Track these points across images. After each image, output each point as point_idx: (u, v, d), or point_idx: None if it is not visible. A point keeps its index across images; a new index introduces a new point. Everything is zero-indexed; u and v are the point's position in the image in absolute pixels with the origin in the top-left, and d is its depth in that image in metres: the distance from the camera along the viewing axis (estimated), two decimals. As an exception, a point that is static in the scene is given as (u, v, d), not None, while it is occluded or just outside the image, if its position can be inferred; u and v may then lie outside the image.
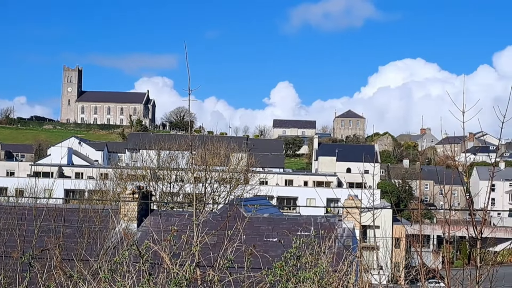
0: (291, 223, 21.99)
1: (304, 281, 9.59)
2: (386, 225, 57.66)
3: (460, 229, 8.38)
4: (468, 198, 8.15)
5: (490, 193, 8.26)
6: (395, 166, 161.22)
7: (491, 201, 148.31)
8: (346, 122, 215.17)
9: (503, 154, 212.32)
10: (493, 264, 9.34)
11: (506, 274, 12.49)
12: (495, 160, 7.95)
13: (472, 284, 7.94)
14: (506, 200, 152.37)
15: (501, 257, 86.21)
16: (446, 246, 12.15)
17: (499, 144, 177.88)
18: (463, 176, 8.75)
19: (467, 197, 8.10)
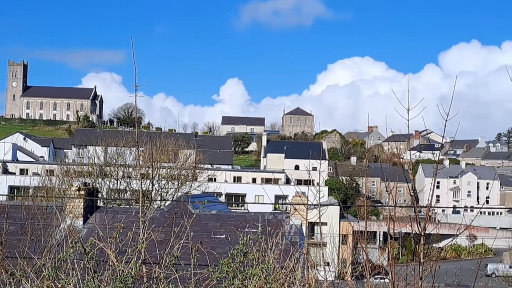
0: (238, 220, 22.01)
1: (251, 277, 9.59)
2: (333, 221, 58.10)
3: (405, 226, 8.50)
4: (413, 195, 8.27)
5: (434, 190, 8.39)
6: (343, 163, 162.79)
7: (436, 198, 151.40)
8: (294, 119, 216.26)
9: (448, 152, 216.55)
10: (437, 260, 9.50)
11: (449, 269, 12.72)
12: (438, 158, 8.08)
13: (415, 279, 8.06)
14: (450, 197, 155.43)
15: (445, 253, 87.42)
16: (391, 242, 12.40)
17: (442, 141, 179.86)
18: (409, 174, 8.87)
19: (411, 194, 8.21)
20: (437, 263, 9.47)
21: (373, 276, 12.74)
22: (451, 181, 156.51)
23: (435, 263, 8.64)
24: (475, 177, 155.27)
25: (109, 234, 9.99)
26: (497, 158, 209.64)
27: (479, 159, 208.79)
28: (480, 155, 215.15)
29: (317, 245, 27.67)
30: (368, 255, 11.40)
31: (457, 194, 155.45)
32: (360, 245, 10.96)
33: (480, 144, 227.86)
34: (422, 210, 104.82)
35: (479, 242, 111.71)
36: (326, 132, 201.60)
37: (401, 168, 9.40)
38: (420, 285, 7.83)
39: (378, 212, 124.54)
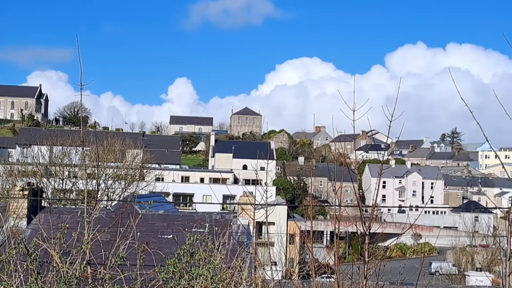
0: (186, 220, 21.91)
1: (197, 277, 9.57)
2: (281, 221, 58.41)
3: (351, 225, 8.58)
4: (358, 195, 8.36)
5: (380, 190, 8.49)
6: (291, 163, 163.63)
7: (382, 198, 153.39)
8: (243, 119, 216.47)
9: (393, 152, 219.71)
10: (382, 259, 9.62)
11: (394, 268, 12.88)
12: (383, 158, 8.18)
13: (360, 278, 8.14)
14: (396, 197, 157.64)
15: (390, 252, 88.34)
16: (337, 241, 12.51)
17: (387, 141, 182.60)
18: (355, 174, 8.97)
19: (357, 194, 8.30)
20: (382, 262, 9.60)
21: (320, 275, 12.83)
22: (397, 181, 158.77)
23: (380, 262, 8.74)
24: (420, 177, 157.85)
25: (54, 235, 9.85)
26: (441, 158, 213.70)
27: (424, 159, 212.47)
28: (425, 155, 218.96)
29: (265, 244, 27.78)
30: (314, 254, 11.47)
31: (402, 194, 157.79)
32: (306, 245, 11.04)
33: (425, 145, 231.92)
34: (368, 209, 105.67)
35: (423, 241, 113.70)
36: (274, 132, 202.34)
37: (348, 168, 9.49)
38: (365, 283, 7.92)
39: (325, 211, 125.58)
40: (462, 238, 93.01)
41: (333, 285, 8.86)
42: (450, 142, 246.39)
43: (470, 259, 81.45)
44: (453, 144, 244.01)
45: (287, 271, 23.84)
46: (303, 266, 15.12)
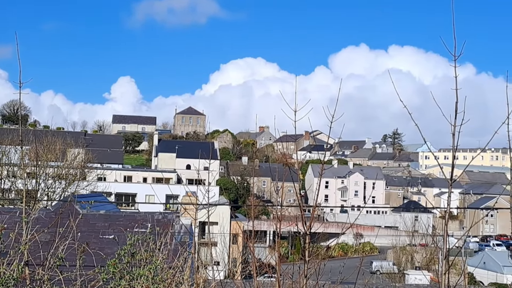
0: (128, 220, 21.71)
1: (138, 278, 9.50)
2: (224, 221, 58.45)
3: (292, 225, 8.65)
4: (300, 195, 8.43)
5: (321, 190, 8.57)
6: (234, 163, 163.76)
7: (325, 198, 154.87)
8: (186, 118, 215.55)
9: (336, 153, 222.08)
10: (323, 258, 9.72)
11: (336, 267, 13.00)
12: (324, 158, 8.27)
13: (300, 277, 8.21)
14: (339, 197, 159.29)
15: (332, 251, 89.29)
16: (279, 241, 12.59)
17: (328, 140, 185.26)
18: (298, 174, 9.04)
19: (298, 194, 8.37)
20: (323, 262, 9.70)
21: (262, 275, 12.89)
22: (339, 181, 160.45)
23: (320, 261, 8.83)
24: (362, 177, 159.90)
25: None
26: (383, 159, 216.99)
27: (366, 160, 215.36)
28: (367, 155, 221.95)
29: (207, 244, 27.73)
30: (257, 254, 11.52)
31: (345, 194, 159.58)
32: (248, 245, 11.07)
33: (367, 145, 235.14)
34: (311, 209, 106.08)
35: (365, 240, 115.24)
36: (218, 132, 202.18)
37: (291, 168, 9.57)
38: (305, 283, 7.99)
39: (268, 211, 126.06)
40: (402, 237, 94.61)
41: (274, 284, 8.91)
42: (392, 143, 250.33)
43: (409, 258, 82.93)
44: (394, 145, 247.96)
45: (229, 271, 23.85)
46: (246, 266, 15.14)
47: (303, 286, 7.86)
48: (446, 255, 7.69)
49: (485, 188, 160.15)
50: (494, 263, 78.24)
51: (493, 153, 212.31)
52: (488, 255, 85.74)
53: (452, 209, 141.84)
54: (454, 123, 7.72)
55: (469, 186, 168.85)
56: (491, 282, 71.63)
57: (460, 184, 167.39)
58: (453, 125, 7.72)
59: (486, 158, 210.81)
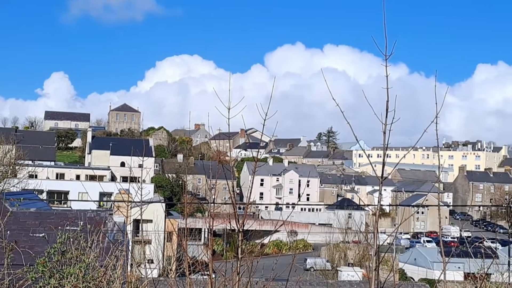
0: (59, 217, 21.33)
1: (68, 276, 9.34)
2: (159, 219, 58.04)
3: (225, 222, 8.65)
4: (233, 192, 8.42)
5: (254, 187, 8.60)
6: (170, 160, 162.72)
7: (260, 195, 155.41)
8: (121, 115, 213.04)
9: (272, 150, 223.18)
10: (257, 256, 9.74)
11: (269, 264, 13.06)
12: (257, 156, 8.29)
13: (233, 275, 8.22)
14: (274, 194, 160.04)
15: (267, 249, 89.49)
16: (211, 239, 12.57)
17: (261, 137, 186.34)
18: (233, 171, 9.04)
19: (232, 191, 8.36)
20: (256, 259, 9.73)
21: (197, 273, 12.84)
22: (274, 179, 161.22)
23: (253, 258, 8.85)
24: (297, 175, 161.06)
25: None
26: (318, 157, 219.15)
27: (301, 158, 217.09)
28: (302, 153, 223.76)
29: (141, 242, 27.46)
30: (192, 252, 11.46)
31: (279, 191, 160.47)
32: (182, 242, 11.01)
33: (302, 143, 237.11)
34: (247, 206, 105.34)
35: (299, 237, 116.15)
36: (153, 129, 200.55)
37: (227, 165, 9.56)
38: (237, 280, 7.99)
39: (204, 209, 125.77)
40: (336, 234, 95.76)
41: (208, 282, 8.89)
42: (326, 141, 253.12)
43: (343, 255, 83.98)
44: (329, 143, 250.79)
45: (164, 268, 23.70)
46: (181, 263, 15.05)
47: (236, 284, 7.87)
48: (376, 252, 7.81)
49: (416, 186, 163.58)
50: (424, 259, 80.00)
51: (424, 152, 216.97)
52: (419, 251, 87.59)
53: (383, 206, 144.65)
54: (385, 122, 7.83)
55: (401, 184, 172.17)
56: (422, 278, 73.18)
57: (393, 182, 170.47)
58: (384, 124, 7.84)
59: (417, 157, 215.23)
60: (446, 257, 9.01)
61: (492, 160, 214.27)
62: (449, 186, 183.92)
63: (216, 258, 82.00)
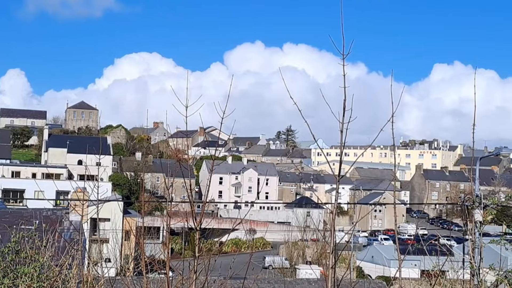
0: (14, 216, 21.02)
1: (22, 276, 9.20)
2: (116, 217, 57.57)
3: (182, 221, 8.60)
4: (190, 191, 8.39)
5: (212, 185, 8.58)
6: (128, 158, 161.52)
7: (219, 194, 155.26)
8: (78, 113, 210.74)
9: (231, 149, 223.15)
10: (216, 254, 9.72)
11: (228, 263, 13.05)
12: (215, 154, 8.27)
13: (190, 273, 8.19)
14: (233, 193, 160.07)
15: (225, 247, 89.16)
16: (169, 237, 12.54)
17: (219, 135, 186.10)
18: (187, 169, 9.00)
19: (189, 190, 8.32)
20: (214, 257, 9.70)
21: (155, 271, 12.77)
22: (233, 177, 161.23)
23: (210, 256, 8.83)
24: (256, 173, 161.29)
25: None
26: (277, 155, 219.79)
27: (260, 156, 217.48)
28: (261, 152, 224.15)
29: (99, 241, 27.15)
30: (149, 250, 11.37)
31: (238, 190, 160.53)
32: (139, 241, 10.93)
33: (261, 142, 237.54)
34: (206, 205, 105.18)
35: (258, 236, 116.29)
36: (111, 127, 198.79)
37: (185, 163, 9.52)
38: (194, 278, 7.97)
39: (162, 207, 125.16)
40: (294, 233, 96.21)
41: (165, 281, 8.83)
42: (285, 140, 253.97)
43: (301, 253, 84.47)
44: (288, 141, 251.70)
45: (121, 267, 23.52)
46: (138, 262, 14.97)
47: (193, 282, 7.84)
48: (333, 250, 7.86)
49: (374, 184, 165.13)
50: (381, 257, 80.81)
51: (382, 150, 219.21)
52: (376, 249, 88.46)
53: (341, 204, 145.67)
54: (342, 120, 7.89)
55: (359, 182, 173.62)
56: (379, 275, 73.93)
57: (351, 180, 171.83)
58: (341, 122, 7.90)
59: (375, 155, 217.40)
60: (402, 255, 9.11)
61: (448, 158, 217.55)
62: (406, 184, 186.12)
63: (175, 257, 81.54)
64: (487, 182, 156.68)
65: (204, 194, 7.63)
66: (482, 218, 14.58)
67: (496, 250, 13.81)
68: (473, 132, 11.73)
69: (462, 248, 61.20)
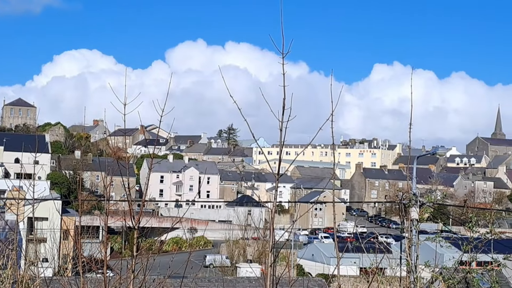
0: None
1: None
2: (54, 216, 56.57)
3: (120, 219, 8.52)
4: (128, 189, 8.29)
5: (149, 184, 8.50)
6: (67, 157, 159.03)
7: (160, 192, 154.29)
8: (16, 110, 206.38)
9: (172, 147, 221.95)
10: (156, 253, 9.63)
11: (167, 262, 12.97)
12: (153, 152, 8.20)
13: (128, 272, 8.11)
14: (174, 191, 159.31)
15: (166, 246, 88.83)
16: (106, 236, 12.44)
17: (157, 132, 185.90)
18: (125, 167, 8.90)
19: (127, 189, 8.23)
20: (153, 256, 9.62)
21: (94, 271, 12.61)
22: (174, 176, 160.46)
23: (149, 255, 8.76)
24: (197, 172, 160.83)
25: None
26: (218, 154, 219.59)
27: (201, 155, 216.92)
28: (202, 150, 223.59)
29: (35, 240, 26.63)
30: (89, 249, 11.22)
31: (180, 188, 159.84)
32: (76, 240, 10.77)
33: (203, 140, 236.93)
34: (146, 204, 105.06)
35: (199, 234, 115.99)
36: (50, 125, 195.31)
37: (117, 162, 9.41)
38: (133, 278, 7.89)
39: (102, 206, 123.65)
40: (235, 231, 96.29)
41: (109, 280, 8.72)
42: (227, 138, 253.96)
43: (242, 251, 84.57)
44: (229, 140, 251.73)
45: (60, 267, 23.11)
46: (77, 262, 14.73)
47: (131, 282, 7.76)
48: (272, 248, 7.89)
49: (315, 183, 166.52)
50: (321, 255, 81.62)
51: (322, 149, 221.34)
52: (316, 247, 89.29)
53: (282, 202, 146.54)
54: (282, 119, 7.93)
55: (300, 180, 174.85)
56: (319, 273, 74.62)
57: (292, 179, 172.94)
58: (281, 121, 7.94)
59: (316, 154, 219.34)
60: (341, 253, 9.20)
61: (387, 157, 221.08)
62: (346, 183, 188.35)
63: (115, 256, 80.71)
64: (425, 181, 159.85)
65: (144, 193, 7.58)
66: (418, 216, 14.86)
67: (434, 248, 14.09)
68: (409, 132, 11.96)
69: (400, 246, 62.23)
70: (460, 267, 13.50)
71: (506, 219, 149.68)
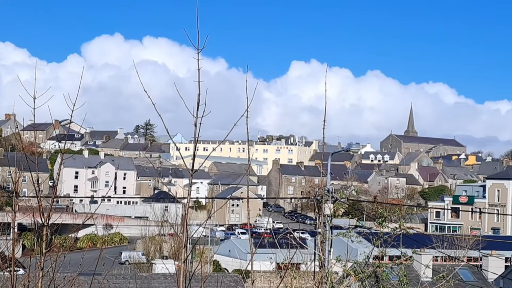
0: None
1: None
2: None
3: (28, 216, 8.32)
4: (38, 185, 8.10)
5: (59, 179, 8.33)
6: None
7: (74, 188, 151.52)
8: None
9: (88, 142, 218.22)
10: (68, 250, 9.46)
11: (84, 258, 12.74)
12: (64, 147, 8.05)
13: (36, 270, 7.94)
14: (89, 187, 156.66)
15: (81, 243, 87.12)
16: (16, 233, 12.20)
17: (69, 128, 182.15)
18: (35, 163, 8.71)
19: (35, 184, 8.04)
20: (64, 253, 9.44)
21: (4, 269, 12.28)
22: (89, 171, 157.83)
23: (60, 252, 8.60)
24: (113, 168, 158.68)
25: None
26: (135, 149, 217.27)
27: (117, 150, 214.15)
28: (119, 146, 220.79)
29: None
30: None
31: (95, 184, 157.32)
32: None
33: (119, 135, 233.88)
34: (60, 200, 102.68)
35: (115, 230, 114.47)
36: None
37: (26, 157, 9.18)
38: (41, 276, 7.72)
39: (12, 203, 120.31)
40: (152, 227, 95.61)
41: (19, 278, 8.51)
42: (144, 134, 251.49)
43: (158, 247, 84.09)
44: (146, 135, 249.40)
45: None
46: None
47: (39, 279, 7.60)
48: (185, 243, 7.88)
49: (232, 179, 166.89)
50: (238, 251, 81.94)
51: (240, 145, 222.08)
52: (233, 243, 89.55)
53: (200, 198, 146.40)
54: (196, 115, 7.93)
55: (218, 176, 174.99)
56: (235, 268, 74.95)
57: (209, 175, 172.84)
58: (195, 117, 7.94)
59: (234, 150, 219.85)
60: (256, 248, 9.27)
61: (303, 154, 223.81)
62: (263, 179, 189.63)
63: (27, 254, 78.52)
64: (340, 177, 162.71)
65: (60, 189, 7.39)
66: (331, 211, 15.12)
67: (348, 243, 14.37)
68: (323, 128, 12.14)
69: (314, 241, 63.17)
70: (371, 261, 13.81)
71: (417, 215, 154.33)
